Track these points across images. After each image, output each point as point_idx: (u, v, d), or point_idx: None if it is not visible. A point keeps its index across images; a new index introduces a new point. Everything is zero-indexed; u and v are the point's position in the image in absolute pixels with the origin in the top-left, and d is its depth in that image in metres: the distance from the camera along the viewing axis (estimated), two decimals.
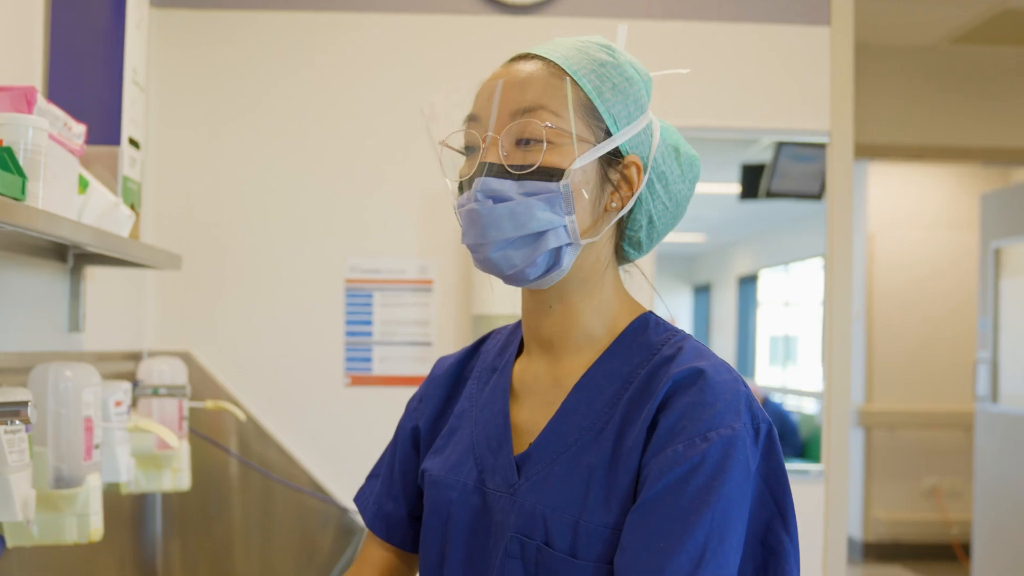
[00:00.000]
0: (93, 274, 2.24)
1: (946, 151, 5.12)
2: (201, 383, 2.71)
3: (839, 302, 2.88)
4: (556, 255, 1.10)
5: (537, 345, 1.19)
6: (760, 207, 3.08)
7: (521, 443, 1.15)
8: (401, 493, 1.28)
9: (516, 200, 1.07)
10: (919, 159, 5.35)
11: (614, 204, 1.13)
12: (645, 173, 1.16)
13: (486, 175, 1.07)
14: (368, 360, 2.78)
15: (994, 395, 5.04)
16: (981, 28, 4.63)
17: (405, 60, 2.82)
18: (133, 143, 2.06)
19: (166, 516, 2.71)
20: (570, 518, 1.06)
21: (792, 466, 3.06)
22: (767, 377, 4.39)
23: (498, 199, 1.07)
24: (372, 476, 1.34)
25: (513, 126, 1.08)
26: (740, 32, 2.89)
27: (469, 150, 1.13)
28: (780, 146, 2.93)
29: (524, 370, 1.20)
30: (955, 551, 6.36)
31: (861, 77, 4.81)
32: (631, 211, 1.17)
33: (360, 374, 2.78)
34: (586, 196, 1.10)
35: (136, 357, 2.60)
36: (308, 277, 2.80)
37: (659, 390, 1.07)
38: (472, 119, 1.13)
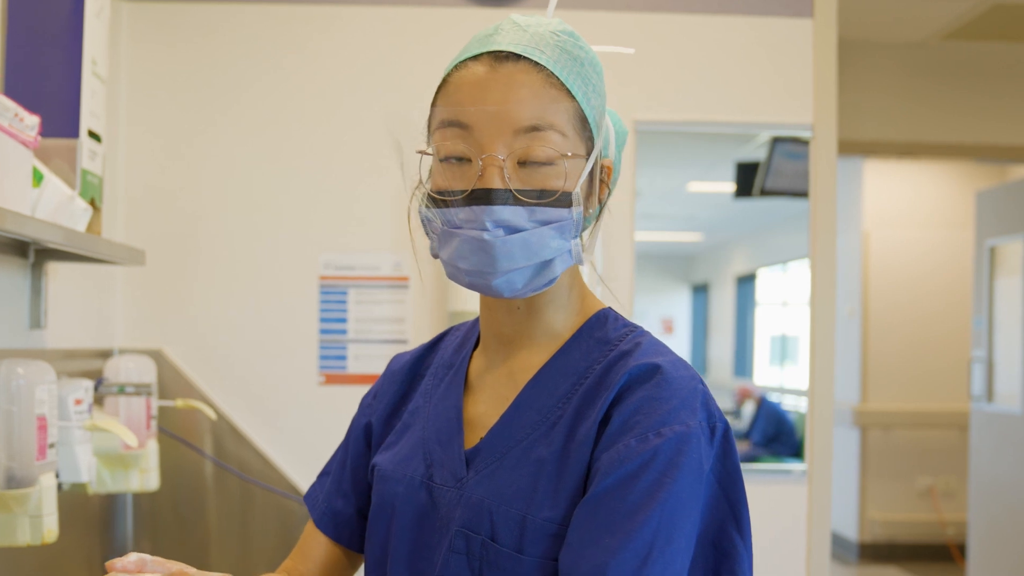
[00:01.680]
0: (56, 270, 2.20)
1: (939, 148, 5.07)
2: (173, 381, 2.67)
3: (823, 300, 2.84)
4: (557, 276, 1.07)
5: (496, 341, 1.16)
6: (756, 205, 3.05)
7: (473, 438, 1.12)
8: (351, 490, 1.25)
9: (530, 230, 1.02)
10: (912, 156, 5.31)
11: (590, 210, 1.11)
12: (614, 171, 1.15)
13: (495, 203, 1.01)
14: (343, 358, 2.74)
15: (989, 394, 5.01)
16: (973, 24, 4.59)
17: (384, 54, 2.78)
18: (94, 136, 2.01)
19: (137, 517, 2.67)
20: (517, 513, 1.03)
21: (775, 466, 3.01)
22: (766, 377, 4.36)
23: (510, 229, 1.02)
24: (323, 474, 1.31)
25: (519, 148, 1.02)
26: (721, 25, 2.85)
27: (454, 158, 1.05)
28: (775, 144, 2.89)
29: (481, 366, 1.18)
30: (951, 551, 6.32)
31: (853, 73, 4.77)
32: None
33: (335, 372, 2.74)
34: (584, 213, 1.07)
35: (107, 355, 2.55)
36: (282, 274, 2.76)
37: (614, 385, 1.04)
38: (459, 125, 1.04)
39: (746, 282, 4.49)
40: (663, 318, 4.40)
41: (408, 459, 1.15)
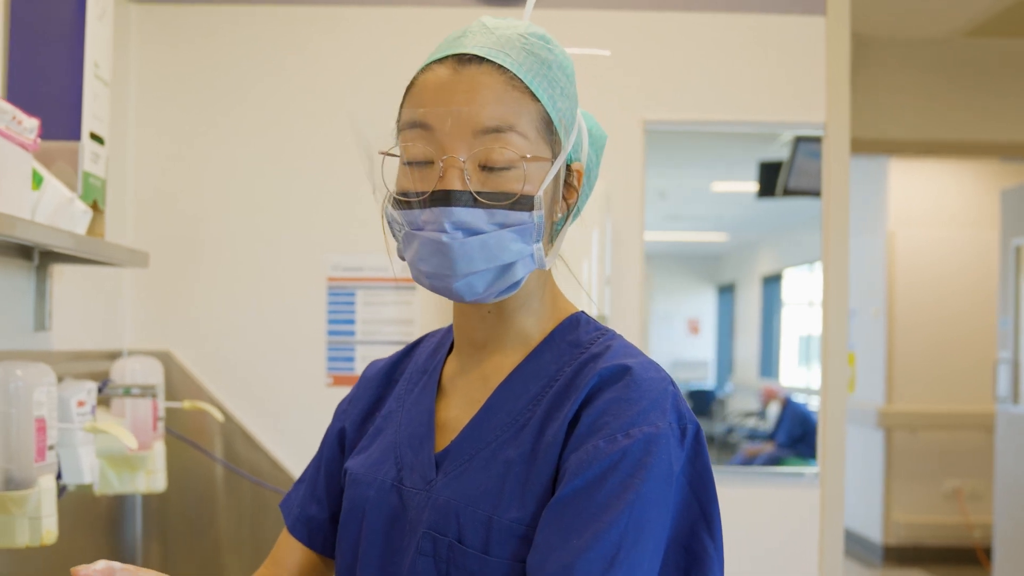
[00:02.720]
0: (61, 272, 2.21)
1: (963, 146, 5.01)
2: (181, 383, 2.68)
3: (836, 301, 2.81)
4: (519, 280, 1.06)
5: (469, 345, 1.15)
6: (781, 205, 3.02)
7: (444, 441, 1.11)
8: (325, 496, 1.25)
9: (488, 233, 1.01)
10: (936, 155, 5.25)
11: (559, 214, 1.10)
12: (585, 176, 1.14)
13: (454, 204, 1.00)
14: (351, 360, 2.73)
15: (1015, 396, 4.94)
16: (997, 19, 4.53)
17: (389, 54, 2.77)
18: (96, 138, 2.02)
19: (146, 518, 2.67)
20: (483, 514, 1.02)
21: (788, 469, 2.98)
22: (792, 378, 4.32)
23: (469, 232, 1.01)
24: (299, 481, 1.31)
25: (480, 150, 1.01)
26: (732, 23, 2.82)
27: (417, 160, 1.04)
28: (797, 143, 2.87)
29: (454, 370, 1.17)
30: (977, 555, 6.24)
31: (875, 71, 4.73)
32: None
33: (342, 374, 2.73)
34: (547, 217, 1.06)
35: (116, 356, 2.56)
36: (290, 276, 2.76)
37: (583, 386, 1.04)
38: (421, 126, 1.03)
39: (772, 282, 4.46)
40: (689, 319, 4.38)
41: (379, 463, 1.14)
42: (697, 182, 3.20)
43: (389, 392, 1.23)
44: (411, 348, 1.27)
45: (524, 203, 1.02)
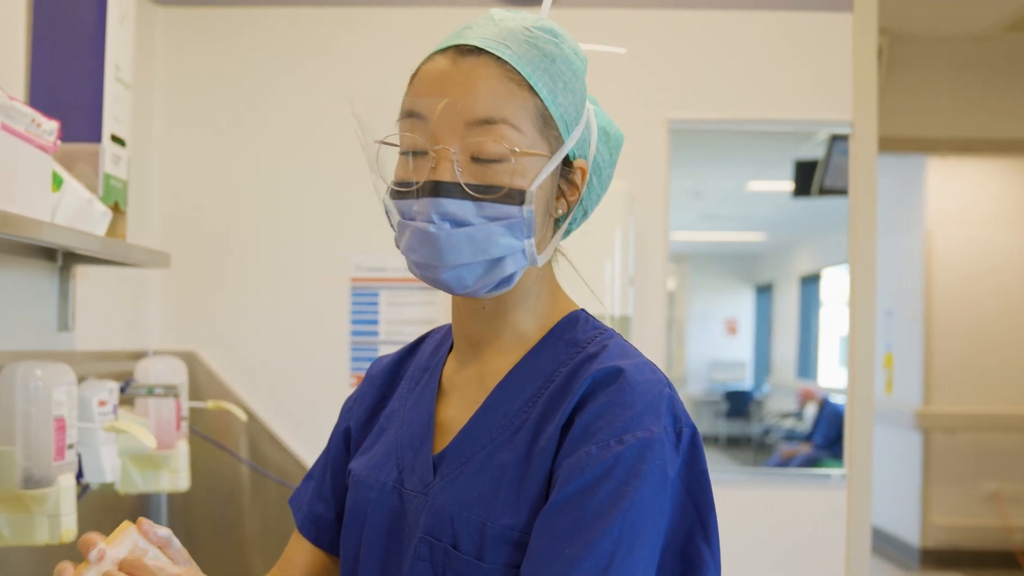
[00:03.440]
0: (85, 273, 2.23)
1: (1000, 144, 4.94)
2: (207, 383, 2.70)
3: (863, 301, 2.78)
4: (510, 275, 1.05)
5: (465, 343, 1.14)
6: (818, 204, 3.00)
7: (442, 442, 1.10)
8: (331, 494, 1.24)
9: (476, 225, 1.00)
10: (971, 152, 5.18)
11: (559, 211, 1.09)
12: (596, 175, 1.12)
13: (442, 195, 1.00)
14: (374, 360, 2.73)
15: None
16: None
17: (414, 55, 2.76)
18: (117, 140, 2.04)
19: (171, 517, 2.70)
20: (477, 519, 1.01)
21: (814, 471, 2.95)
22: (831, 378, 4.28)
23: (456, 223, 1.00)
24: (307, 478, 1.30)
25: (471, 141, 1.00)
26: (758, 20, 2.80)
27: (412, 149, 1.04)
28: (833, 141, 2.84)
29: (453, 369, 1.16)
30: (1017, 558, 6.15)
31: (910, 69, 4.68)
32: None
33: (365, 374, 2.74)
34: (542, 213, 1.05)
35: (141, 356, 2.59)
36: (314, 276, 2.77)
37: (577, 389, 1.02)
38: (415, 116, 1.03)
39: (811, 282, 4.43)
40: (726, 319, 4.36)
41: (381, 464, 1.13)
42: (732, 182, 3.18)
43: (393, 390, 1.22)
44: (415, 345, 1.26)
45: (514, 197, 1.01)
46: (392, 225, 1.07)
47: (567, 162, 1.08)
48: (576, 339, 1.09)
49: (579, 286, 1.20)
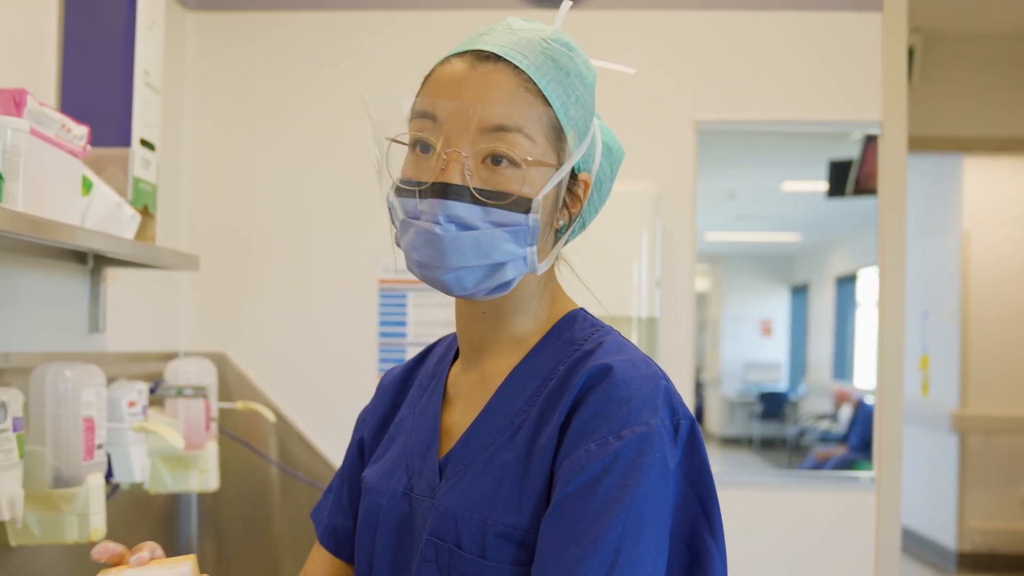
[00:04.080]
0: (115, 276, 2.26)
1: None
2: (236, 384, 2.72)
3: (892, 302, 2.75)
4: (509, 280, 1.06)
5: (468, 348, 1.16)
6: (853, 204, 2.98)
7: (448, 446, 1.12)
8: (348, 505, 1.26)
9: (482, 230, 1.02)
10: (1006, 151, 5.11)
11: (561, 222, 1.10)
12: (595, 189, 1.14)
13: (450, 197, 1.00)
14: (402, 361, 2.74)
15: None
16: None
17: (439, 57, 2.78)
18: (147, 144, 2.07)
19: (201, 517, 2.72)
20: (479, 519, 1.02)
21: (844, 473, 2.93)
22: (867, 380, 4.26)
23: (462, 226, 1.01)
24: (327, 491, 1.33)
25: (483, 147, 1.01)
26: (787, 20, 2.78)
27: (420, 146, 1.05)
28: (867, 141, 2.82)
29: (458, 374, 1.18)
30: None
31: (943, 67, 4.63)
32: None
33: None
34: (545, 222, 1.06)
35: (170, 358, 2.62)
36: (342, 278, 2.79)
37: (573, 387, 1.03)
38: (428, 116, 1.04)
39: (847, 283, 4.40)
40: (761, 319, 4.34)
41: (392, 471, 1.15)
42: (767, 182, 3.17)
43: (403, 399, 1.24)
44: (425, 354, 1.28)
45: (521, 204, 1.02)
46: (394, 222, 1.08)
47: (572, 174, 1.09)
48: (574, 337, 1.11)
49: (587, 290, 1.21)
